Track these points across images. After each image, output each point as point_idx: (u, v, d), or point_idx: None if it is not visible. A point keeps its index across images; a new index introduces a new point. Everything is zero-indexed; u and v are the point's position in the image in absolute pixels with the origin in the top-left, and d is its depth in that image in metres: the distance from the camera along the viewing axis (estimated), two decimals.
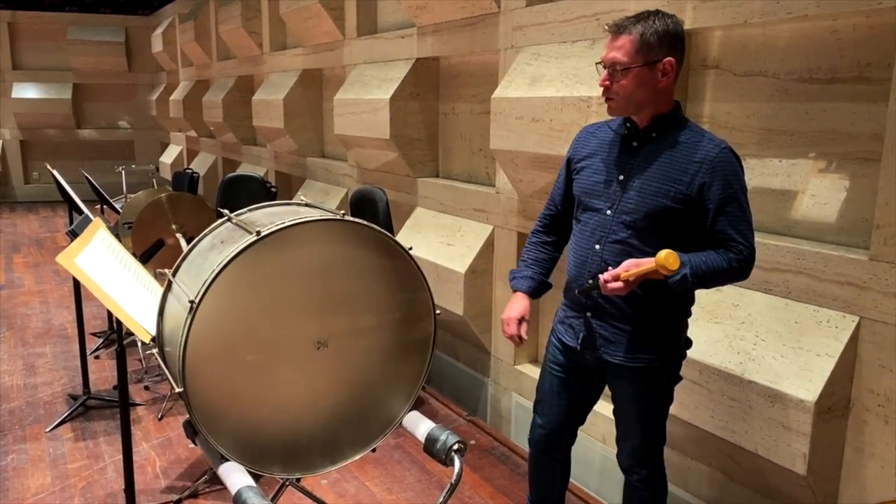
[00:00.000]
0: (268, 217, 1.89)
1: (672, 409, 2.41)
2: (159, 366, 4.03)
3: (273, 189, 5.54)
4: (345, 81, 4.84)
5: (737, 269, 1.87)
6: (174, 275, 1.90)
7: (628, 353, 2.00)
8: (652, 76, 1.86)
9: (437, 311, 1.99)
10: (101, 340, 4.62)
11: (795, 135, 2.30)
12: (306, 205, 2.03)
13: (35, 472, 3.07)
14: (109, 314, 4.82)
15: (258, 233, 1.68)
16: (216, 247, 1.83)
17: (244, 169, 7.05)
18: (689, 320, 2.43)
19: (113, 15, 11.28)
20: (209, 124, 7.87)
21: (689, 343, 2.11)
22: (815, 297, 2.15)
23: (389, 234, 1.89)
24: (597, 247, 1.98)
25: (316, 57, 5.52)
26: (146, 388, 3.93)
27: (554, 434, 2.26)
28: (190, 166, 8.36)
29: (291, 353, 1.82)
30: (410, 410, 2.04)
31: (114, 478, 3.01)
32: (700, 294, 2.47)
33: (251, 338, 1.77)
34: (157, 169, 8.67)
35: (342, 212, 1.85)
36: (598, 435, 2.97)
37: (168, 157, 10.22)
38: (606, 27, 1.92)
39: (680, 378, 2.12)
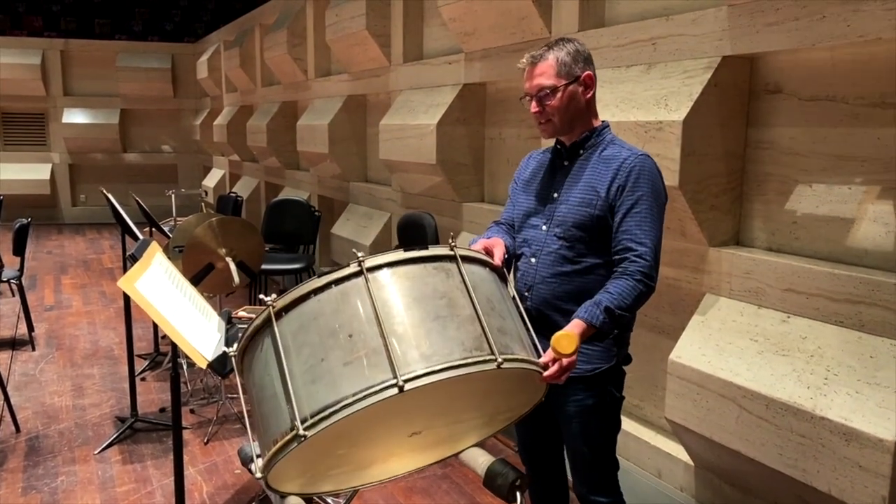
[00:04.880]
0: (411, 316, 1.47)
1: (736, 445, 2.33)
2: (214, 394, 4.04)
3: (317, 213, 5.59)
4: (390, 107, 4.86)
5: (643, 281, 1.88)
6: (278, 317, 1.51)
7: None
8: (576, 91, 1.99)
9: (542, 398, 1.77)
10: (146, 363, 4.66)
11: (867, 161, 2.22)
12: (454, 257, 1.58)
13: (84, 494, 3.08)
14: (155, 336, 4.87)
15: (401, 388, 1.36)
16: (342, 346, 1.44)
17: (287, 193, 7.12)
18: (754, 352, 2.36)
19: (160, 42, 11.60)
20: (253, 149, 7.98)
21: (628, 359, 2.12)
22: (893, 330, 2.05)
23: (537, 367, 1.64)
24: (532, 260, 2.06)
25: (361, 83, 5.56)
26: (192, 411, 3.93)
27: (531, 449, 2.29)
28: (234, 190, 8.48)
29: (383, 442, 1.69)
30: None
31: (162, 502, 3.00)
32: (766, 325, 2.39)
33: (348, 439, 1.58)
34: (206, 193, 8.80)
35: (499, 359, 1.47)
36: (653, 469, 2.88)
37: (211, 180, 10.39)
38: (522, 62, 2.04)
39: (622, 397, 2.11)
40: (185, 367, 4.27)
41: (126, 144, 11.57)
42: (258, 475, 1.49)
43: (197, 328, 2.14)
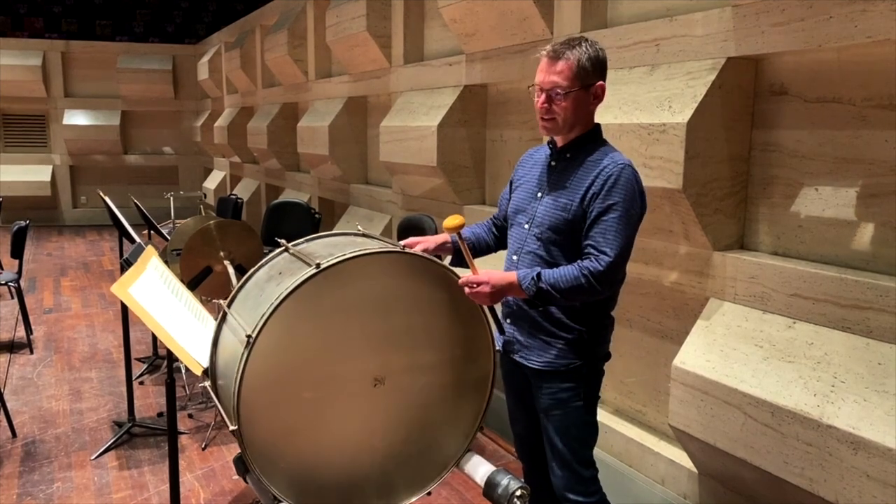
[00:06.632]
0: (326, 248, 1.84)
1: (741, 453, 2.29)
2: (211, 398, 4.01)
3: (317, 215, 5.55)
4: (391, 108, 4.83)
5: (588, 278, 1.87)
6: (229, 306, 1.85)
7: (542, 357, 2.04)
8: (586, 99, 1.96)
9: (497, 349, 1.91)
10: (145, 366, 4.62)
11: (874, 164, 2.18)
12: (363, 235, 1.98)
13: (80, 501, 3.04)
14: (154, 339, 4.83)
15: (318, 265, 1.63)
16: (273, 278, 1.78)
17: (287, 195, 7.09)
18: (759, 358, 2.32)
19: (161, 44, 11.58)
20: (253, 150, 7.96)
21: (607, 356, 2.12)
22: None
23: (451, 268, 1.83)
24: (514, 257, 2.08)
25: (361, 84, 5.53)
26: (190, 416, 3.90)
27: (526, 445, 2.30)
28: (234, 192, 8.45)
29: (348, 389, 1.75)
30: (467, 451, 1.95)
31: None
32: (771, 331, 2.35)
33: (308, 373, 1.71)
34: (205, 196, 8.76)
35: (402, 244, 1.80)
36: (656, 476, 2.84)
37: (212, 182, 10.36)
38: (543, 53, 1.98)
39: (598, 396, 2.12)
40: (183, 370, 4.23)
41: (127, 146, 11.54)
42: (231, 428, 1.63)
43: (193, 334, 2.10)
